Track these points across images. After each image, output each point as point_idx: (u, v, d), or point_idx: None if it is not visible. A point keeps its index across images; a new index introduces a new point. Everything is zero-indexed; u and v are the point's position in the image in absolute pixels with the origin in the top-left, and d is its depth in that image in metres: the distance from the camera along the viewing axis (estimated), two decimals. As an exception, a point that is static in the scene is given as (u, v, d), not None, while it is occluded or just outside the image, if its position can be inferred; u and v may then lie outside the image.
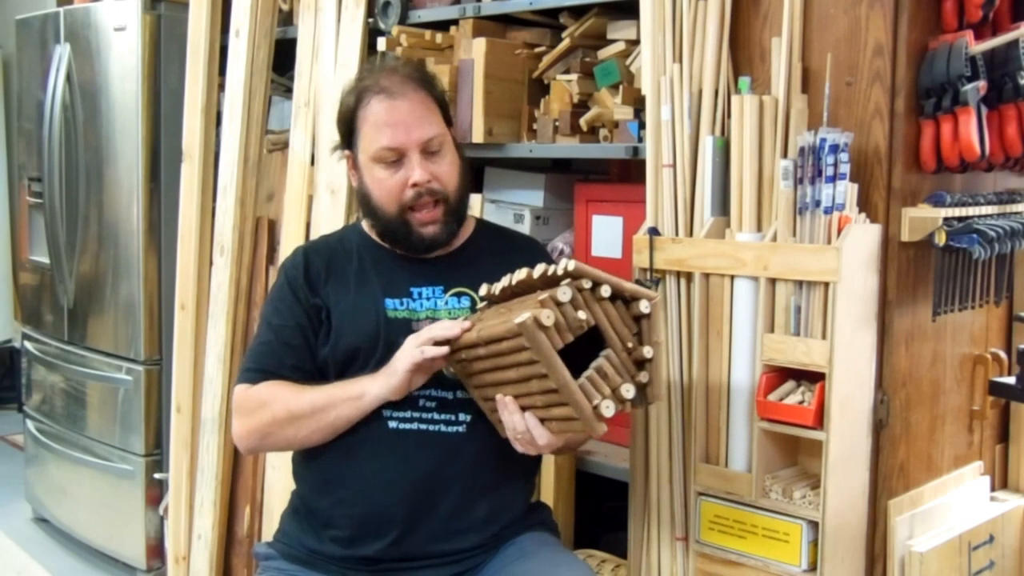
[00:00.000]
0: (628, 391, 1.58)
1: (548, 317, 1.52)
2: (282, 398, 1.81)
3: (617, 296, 1.61)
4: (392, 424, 1.80)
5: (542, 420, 1.63)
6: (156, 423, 3.31)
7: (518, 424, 1.64)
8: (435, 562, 1.83)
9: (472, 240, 2.00)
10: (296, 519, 1.92)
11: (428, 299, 1.89)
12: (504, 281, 1.73)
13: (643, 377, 1.62)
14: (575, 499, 2.40)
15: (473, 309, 1.87)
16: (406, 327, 1.85)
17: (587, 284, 1.58)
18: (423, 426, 1.81)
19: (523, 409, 1.64)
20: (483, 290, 1.79)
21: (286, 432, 1.81)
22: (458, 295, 1.89)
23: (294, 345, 1.87)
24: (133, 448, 3.33)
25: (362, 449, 1.81)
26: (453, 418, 1.82)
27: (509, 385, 1.64)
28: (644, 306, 1.61)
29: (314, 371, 1.88)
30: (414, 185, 1.84)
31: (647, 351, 1.61)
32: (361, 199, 1.94)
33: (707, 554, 1.97)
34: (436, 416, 1.80)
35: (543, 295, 1.56)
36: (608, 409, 1.55)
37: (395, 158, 1.85)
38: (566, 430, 1.63)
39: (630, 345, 1.61)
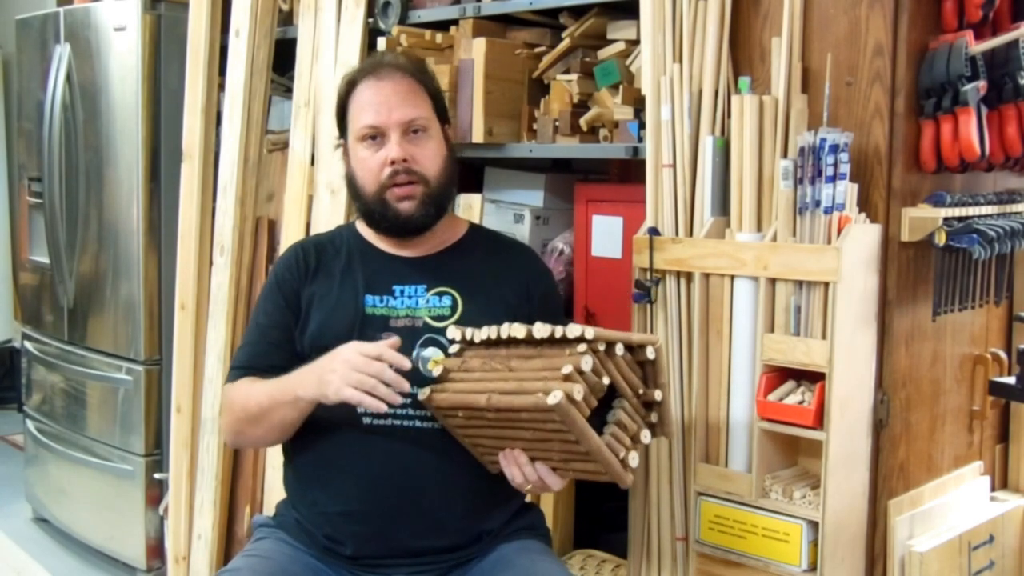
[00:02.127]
0: (646, 436, 1.67)
1: (579, 392, 1.54)
2: (242, 397, 1.82)
3: (625, 347, 1.65)
4: (366, 420, 1.79)
5: (554, 468, 1.66)
6: (156, 423, 3.30)
7: (530, 475, 1.67)
8: (414, 560, 1.82)
9: (462, 241, 1.99)
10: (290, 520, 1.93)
11: (410, 297, 1.88)
12: (488, 332, 1.70)
13: (653, 417, 1.68)
14: (575, 499, 2.40)
15: (453, 309, 1.85)
16: (383, 324, 1.85)
17: (601, 347, 1.60)
18: (397, 422, 1.79)
19: (532, 460, 1.67)
20: (455, 333, 1.75)
21: (252, 431, 1.82)
22: (439, 294, 1.87)
23: (279, 345, 1.88)
24: (133, 448, 3.33)
25: (336, 449, 1.81)
26: (428, 413, 1.80)
27: (520, 442, 1.65)
28: (650, 352, 1.66)
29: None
30: (392, 163, 1.85)
31: (657, 394, 1.67)
32: (348, 183, 1.96)
33: (707, 554, 1.97)
34: (411, 412, 1.78)
35: (564, 367, 1.55)
36: (634, 460, 1.62)
37: (375, 135, 1.87)
38: (583, 478, 1.69)
39: (640, 392, 1.67)
